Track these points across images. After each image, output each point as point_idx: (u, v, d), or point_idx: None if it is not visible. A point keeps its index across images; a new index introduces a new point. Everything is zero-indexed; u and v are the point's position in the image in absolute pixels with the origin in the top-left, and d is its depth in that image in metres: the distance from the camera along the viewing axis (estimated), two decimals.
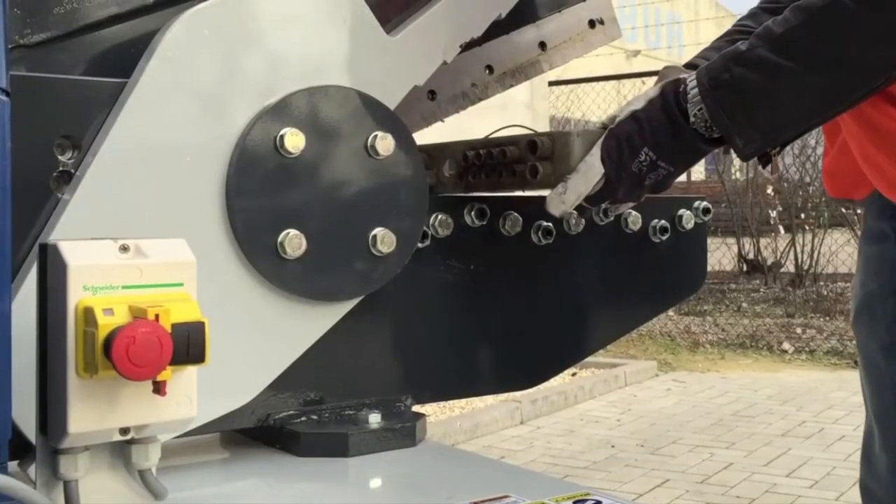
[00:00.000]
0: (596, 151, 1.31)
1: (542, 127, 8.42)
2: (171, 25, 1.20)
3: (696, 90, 1.26)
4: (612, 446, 5.29)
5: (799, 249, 10.23)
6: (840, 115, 1.27)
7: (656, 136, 1.29)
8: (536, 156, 1.36)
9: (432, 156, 1.52)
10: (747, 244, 10.91)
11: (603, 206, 1.43)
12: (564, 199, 1.33)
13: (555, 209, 1.36)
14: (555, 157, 1.34)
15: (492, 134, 1.48)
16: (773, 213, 10.49)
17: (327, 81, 1.29)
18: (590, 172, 1.31)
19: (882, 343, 1.42)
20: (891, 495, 1.44)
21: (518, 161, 1.39)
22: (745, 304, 9.65)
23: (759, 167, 1.47)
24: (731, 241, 10.78)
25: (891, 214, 1.42)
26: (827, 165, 1.63)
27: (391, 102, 1.35)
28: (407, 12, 1.39)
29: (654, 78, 1.40)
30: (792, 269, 10.35)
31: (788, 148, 10.63)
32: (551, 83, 9.94)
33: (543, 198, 1.37)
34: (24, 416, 0.95)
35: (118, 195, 1.16)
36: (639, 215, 1.59)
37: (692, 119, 1.27)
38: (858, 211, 10.62)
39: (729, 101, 1.24)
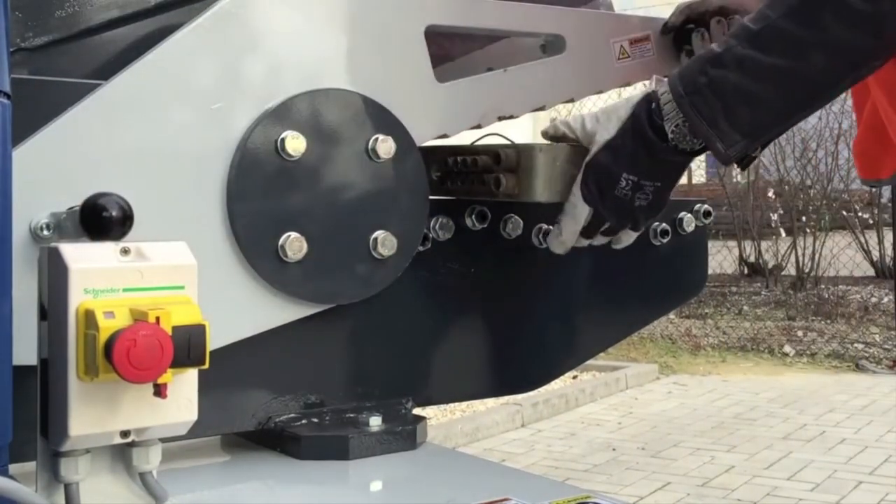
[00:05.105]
0: (577, 190, 1.33)
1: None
2: (178, 29, 1.20)
3: (671, 103, 1.24)
4: (613, 449, 5.28)
5: (800, 252, 10.21)
6: (821, 106, 1.22)
7: (633, 162, 1.29)
8: (501, 167, 1.38)
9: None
10: (748, 247, 10.89)
11: (603, 240, 1.41)
12: (562, 239, 1.38)
13: (557, 249, 1.41)
14: (519, 170, 1.37)
15: (477, 141, 1.49)
16: (775, 216, 10.47)
17: (328, 85, 1.29)
18: (576, 211, 1.34)
19: None
20: None
21: (487, 171, 1.41)
22: (746, 308, 9.63)
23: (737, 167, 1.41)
24: (733, 243, 10.77)
25: None
26: (855, 144, 1.59)
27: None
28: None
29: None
30: (793, 271, 10.33)
31: (790, 150, 10.67)
32: None
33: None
34: None
35: None
36: None
37: (670, 136, 1.25)
38: (860, 213, 10.64)
39: (707, 105, 1.21)
